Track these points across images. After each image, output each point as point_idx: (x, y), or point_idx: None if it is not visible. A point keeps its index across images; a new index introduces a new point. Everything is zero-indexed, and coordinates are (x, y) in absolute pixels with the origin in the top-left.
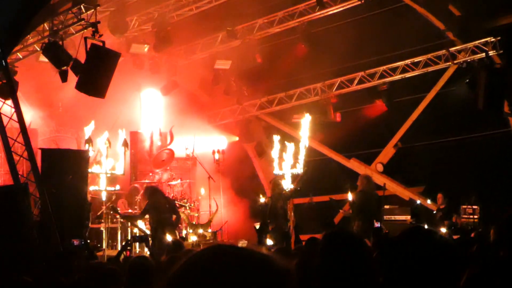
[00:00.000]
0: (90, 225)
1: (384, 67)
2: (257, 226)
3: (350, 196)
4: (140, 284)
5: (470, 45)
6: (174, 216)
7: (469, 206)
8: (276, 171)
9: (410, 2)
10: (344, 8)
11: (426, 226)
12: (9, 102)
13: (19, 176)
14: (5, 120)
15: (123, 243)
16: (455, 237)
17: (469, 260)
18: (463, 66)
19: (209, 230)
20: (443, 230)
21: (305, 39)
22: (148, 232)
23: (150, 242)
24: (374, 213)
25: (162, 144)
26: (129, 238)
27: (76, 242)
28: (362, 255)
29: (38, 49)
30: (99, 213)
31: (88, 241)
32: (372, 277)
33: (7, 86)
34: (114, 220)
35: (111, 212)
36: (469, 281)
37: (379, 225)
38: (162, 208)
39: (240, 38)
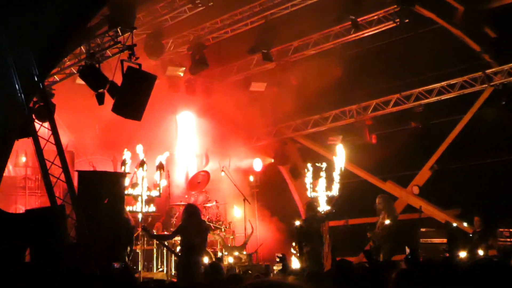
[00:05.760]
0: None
1: (420, 89)
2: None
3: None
4: None
5: (506, 67)
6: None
7: (506, 229)
8: (311, 193)
9: (445, 24)
10: (379, 30)
11: (462, 251)
12: (46, 124)
13: (56, 198)
14: (42, 142)
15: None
16: None
17: None
18: (499, 88)
19: (244, 253)
20: (480, 253)
21: (340, 61)
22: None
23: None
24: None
25: (197, 166)
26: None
27: (116, 265)
28: None
29: (75, 72)
30: (135, 235)
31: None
32: None
33: (44, 109)
34: (150, 242)
35: (142, 232)
36: None
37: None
38: (193, 232)
39: (276, 60)
